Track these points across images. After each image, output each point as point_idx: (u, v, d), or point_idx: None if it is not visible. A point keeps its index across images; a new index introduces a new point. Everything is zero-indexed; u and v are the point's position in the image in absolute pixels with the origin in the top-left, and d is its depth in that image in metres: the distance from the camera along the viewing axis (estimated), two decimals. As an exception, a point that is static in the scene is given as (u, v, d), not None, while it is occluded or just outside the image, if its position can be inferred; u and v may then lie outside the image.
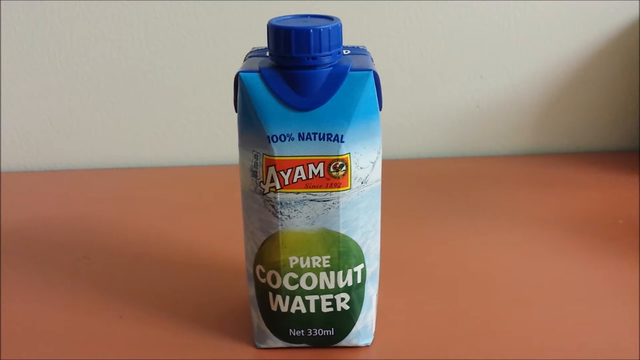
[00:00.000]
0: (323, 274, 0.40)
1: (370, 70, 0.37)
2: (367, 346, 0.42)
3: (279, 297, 0.40)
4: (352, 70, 0.37)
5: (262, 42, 0.69)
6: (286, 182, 0.38)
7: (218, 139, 0.73)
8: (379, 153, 0.39)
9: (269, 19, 0.69)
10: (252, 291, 0.42)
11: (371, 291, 0.42)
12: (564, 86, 0.73)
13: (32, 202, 0.63)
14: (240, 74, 0.37)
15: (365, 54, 0.40)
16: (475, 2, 0.69)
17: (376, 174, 0.39)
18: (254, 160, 0.38)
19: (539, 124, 0.74)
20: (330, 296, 0.40)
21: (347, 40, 0.70)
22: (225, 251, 0.54)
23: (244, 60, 0.40)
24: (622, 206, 0.60)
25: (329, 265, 0.40)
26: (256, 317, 0.42)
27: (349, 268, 0.40)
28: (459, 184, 0.66)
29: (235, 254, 0.53)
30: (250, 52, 0.41)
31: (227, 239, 0.56)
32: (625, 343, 0.42)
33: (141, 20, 0.68)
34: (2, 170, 0.73)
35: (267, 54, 0.39)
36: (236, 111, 0.38)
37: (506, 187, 0.65)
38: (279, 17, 0.38)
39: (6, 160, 0.72)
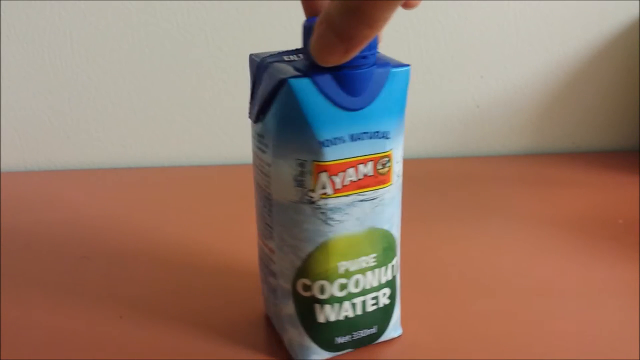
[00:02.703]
0: (369, 273, 0.39)
1: (407, 65, 0.37)
2: (399, 337, 0.43)
3: (327, 307, 0.39)
4: (392, 67, 0.37)
5: (262, 42, 0.69)
6: (338, 186, 0.37)
7: (218, 139, 0.73)
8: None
9: (270, 19, 0.69)
10: (289, 308, 0.40)
11: (399, 281, 0.42)
12: (564, 86, 0.73)
13: (32, 202, 0.63)
14: (290, 80, 0.35)
15: (378, 52, 0.40)
16: (475, 2, 0.69)
17: (401, 167, 0.40)
18: (299, 169, 0.36)
19: (539, 124, 0.74)
20: (374, 294, 0.40)
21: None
22: (225, 251, 0.54)
23: (258, 68, 0.37)
24: (622, 206, 0.60)
25: (375, 263, 0.39)
26: (297, 334, 0.40)
27: (389, 262, 0.40)
28: (459, 184, 0.66)
29: (235, 254, 0.53)
30: (264, 57, 0.38)
31: (227, 239, 0.56)
32: (625, 343, 0.42)
33: (141, 20, 0.68)
34: (2, 170, 0.72)
35: (296, 57, 0.37)
36: (255, 121, 0.37)
37: (506, 187, 0.65)
38: (309, 18, 0.36)
39: (6, 160, 0.72)
